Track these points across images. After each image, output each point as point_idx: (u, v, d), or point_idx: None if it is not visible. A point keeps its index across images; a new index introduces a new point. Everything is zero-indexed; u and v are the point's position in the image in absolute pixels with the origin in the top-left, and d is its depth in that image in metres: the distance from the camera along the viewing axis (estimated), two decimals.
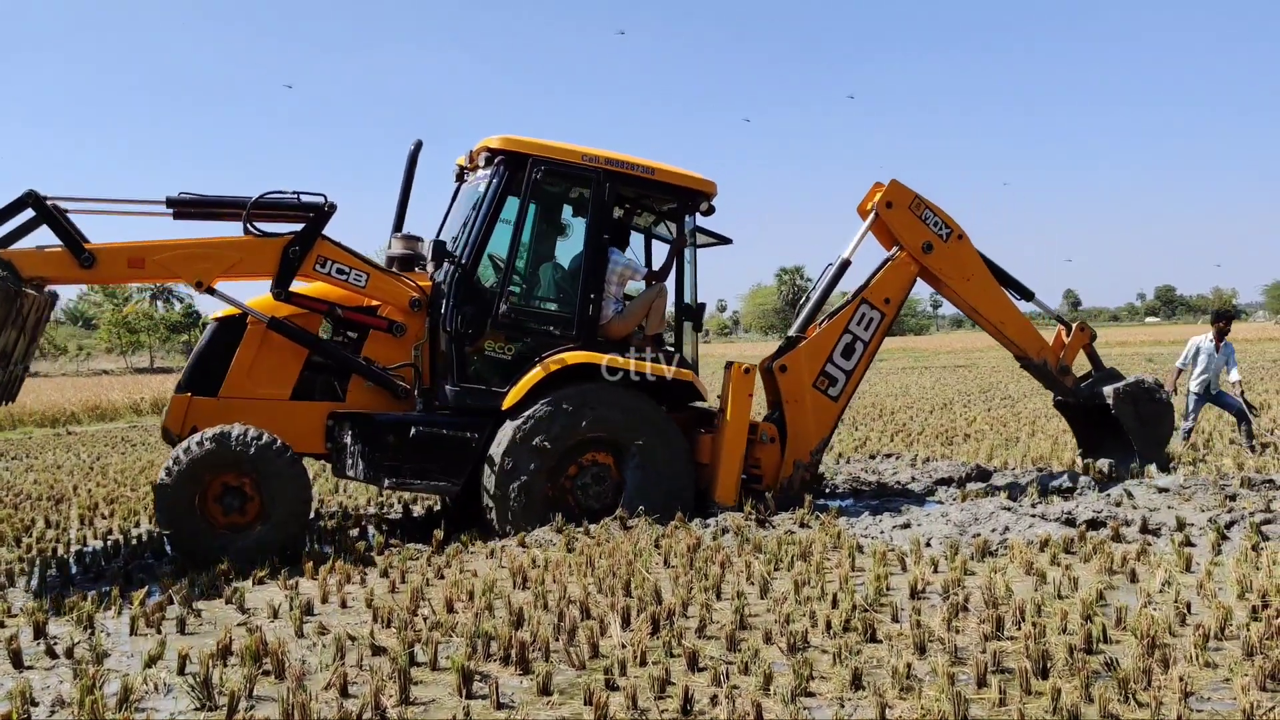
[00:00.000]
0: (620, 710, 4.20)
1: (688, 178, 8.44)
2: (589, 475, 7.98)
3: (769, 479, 8.62)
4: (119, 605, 6.22)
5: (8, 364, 7.34)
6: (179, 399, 7.70)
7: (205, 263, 7.52)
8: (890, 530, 7.62)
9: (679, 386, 8.32)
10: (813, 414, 8.71)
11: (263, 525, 7.22)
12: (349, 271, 7.81)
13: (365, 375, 7.86)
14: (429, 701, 4.44)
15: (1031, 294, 9.71)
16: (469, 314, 7.88)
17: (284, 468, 7.20)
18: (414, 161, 8.87)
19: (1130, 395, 9.45)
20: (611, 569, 6.45)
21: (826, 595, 5.80)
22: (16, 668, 5.09)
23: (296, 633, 5.50)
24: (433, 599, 6.06)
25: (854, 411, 18.25)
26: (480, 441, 7.79)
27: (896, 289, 9.06)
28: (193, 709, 4.42)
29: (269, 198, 7.68)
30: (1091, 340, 9.88)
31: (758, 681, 4.45)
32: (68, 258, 7.21)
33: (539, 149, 8.01)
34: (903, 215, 9.01)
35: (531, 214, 8.14)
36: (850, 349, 8.85)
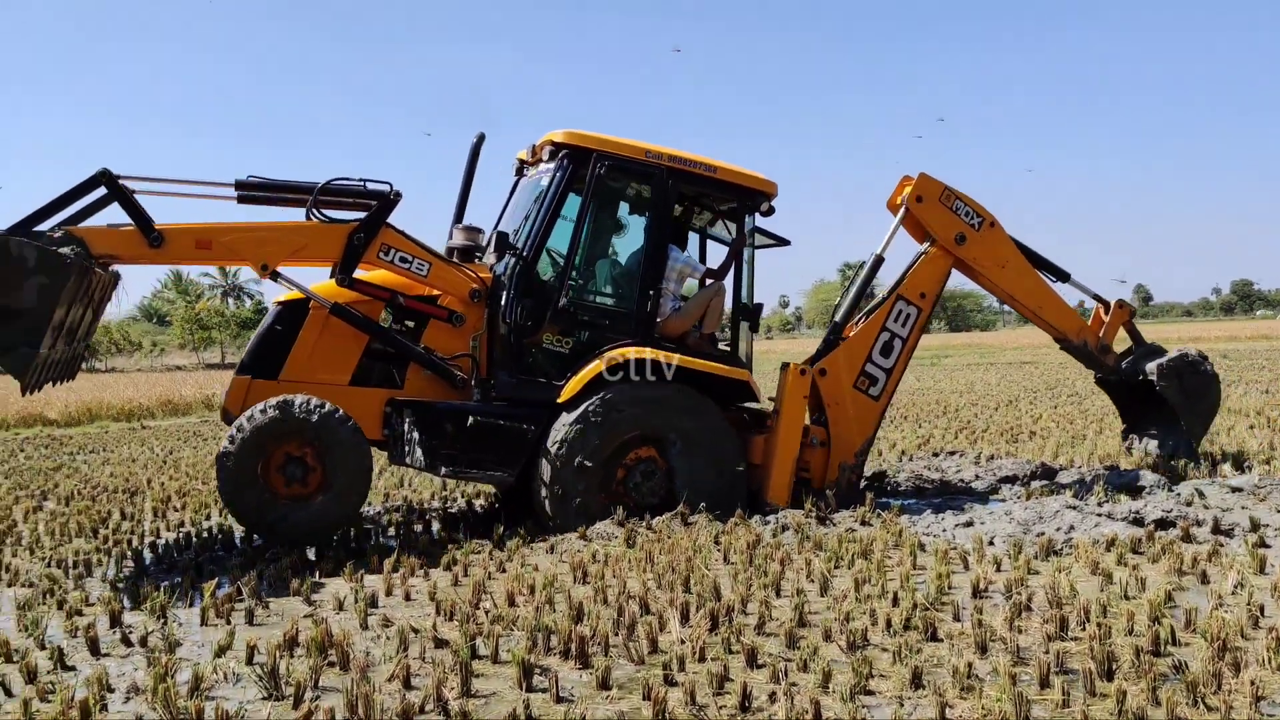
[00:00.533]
0: (679, 706, 4.22)
1: (749, 177, 8.42)
2: (639, 472, 8.00)
3: (818, 481, 8.59)
4: (190, 596, 6.38)
5: (73, 340, 7.51)
6: (239, 380, 7.85)
7: (271, 246, 7.65)
8: (953, 528, 7.54)
9: (733, 386, 8.31)
10: (855, 415, 8.65)
11: (324, 496, 7.33)
12: (412, 260, 7.90)
13: (424, 364, 7.94)
14: (490, 694, 4.49)
15: (1067, 275, 9.55)
16: (528, 306, 7.94)
17: (346, 437, 7.31)
18: (476, 154, 8.96)
19: (1174, 370, 9.29)
20: (671, 565, 6.46)
21: (887, 593, 5.76)
22: (94, 655, 5.25)
23: (361, 625, 5.59)
24: (494, 592, 6.13)
25: (918, 409, 18.07)
26: (536, 433, 7.85)
27: (932, 283, 8.97)
28: (260, 698, 4.52)
29: (336, 184, 7.80)
30: (1131, 316, 9.70)
31: (816, 679, 4.44)
32: (137, 237, 7.34)
33: (603, 144, 8.04)
34: (933, 208, 8.90)
35: (593, 209, 8.17)
36: (889, 347, 8.77)
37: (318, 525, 7.35)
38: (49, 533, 8.72)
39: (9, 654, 5.24)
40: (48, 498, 10.87)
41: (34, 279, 6.55)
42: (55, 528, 8.84)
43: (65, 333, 7.16)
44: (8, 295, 6.52)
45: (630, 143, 8.16)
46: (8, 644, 5.32)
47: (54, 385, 7.66)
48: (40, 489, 11.39)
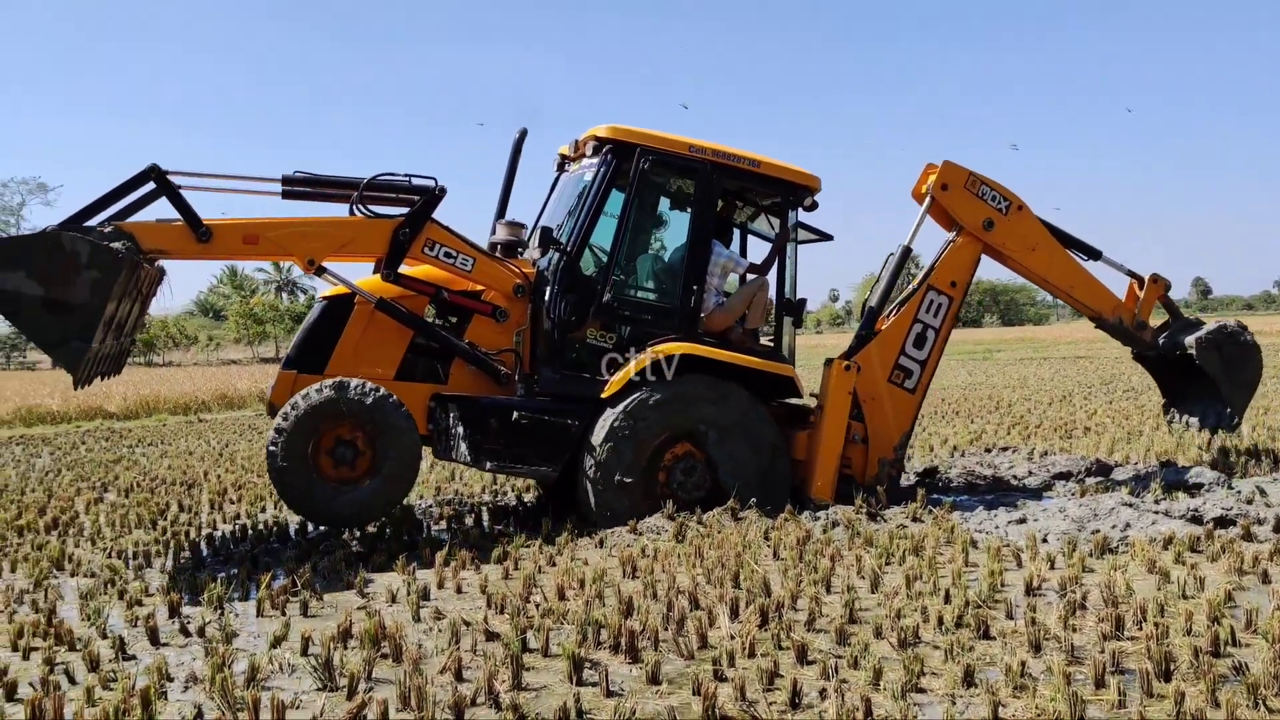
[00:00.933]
0: (728, 701, 4.22)
1: (793, 172, 8.39)
2: (680, 469, 7.99)
3: (860, 477, 8.55)
4: (246, 588, 6.48)
5: (121, 335, 7.59)
6: (285, 375, 7.90)
7: (318, 241, 7.69)
8: (1005, 525, 7.46)
9: (777, 381, 8.28)
10: (891, 409, 8.60)
11: (371, 481, 7.37)
12: (456, 255, 7.92)
13: (468, 359, 7.97)
14: (541, 687, 4.52)
15: (1099, 253, 9.41)
16: (572, 302, 7.96)
17: (399, 422, 7.36)
18: (518, 150, 8.97)
19: (1214, 342, 9.15)
20: (720, 560, 6.46)
21: (939, 590, 5.72)
22: (154, 644, 5.36)
23: (413, 617, 5.65)
24: (544, 586, 6.16)
25: (970, 404, 17.89)
26: (580, 429, 7.87)
27: (962, 270, 8.87)
28: (315, 689, 4.59)
29: (381, 179, 7.82)
30: (1166, 291, 9.53)
31: (867, 676, 4.42)
32: (186, 232, 7.39)
33: (647, 139, 8.04)
34: (960, 195, 8.80)
35: (636, 204, 8.17)
36: (922, 338, 8.71)
37: (362, 510, 7.38)
38: (109, 524, 8.90)
39: (72, 642, 5.37)
40: (108, 489, 11.09)
41: (87, 274, 6.61)
42: (116, 519, 9.02)
43: (114, 327, 7.26)
44: (61, 289, 6.59)
45: (674, 138, 8.15)
46: (71, 632, 5.45)
47: (102, 380, 7.77)
48: (101, 481, 11.63)
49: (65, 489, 10.97)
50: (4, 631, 5.60)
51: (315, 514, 7.47)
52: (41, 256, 6.59)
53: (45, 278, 6.56)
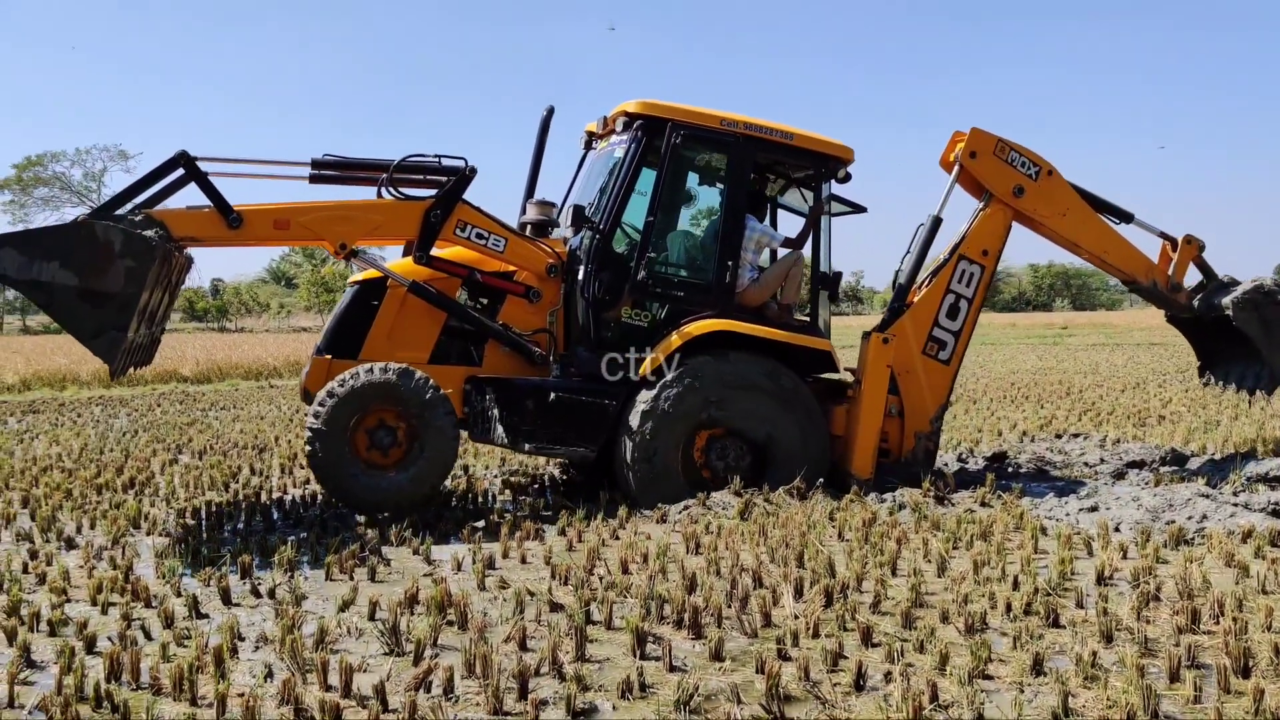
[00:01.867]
0: (792, 681, 4.20)
1: (826, 144, 8.27)
2: (719, 447, 7.93)
3: (896, 451, 8.44)
4: (316, 551, 6.60)
5: (153, 324, 7.58)
6: (319, 361, 7.85)
7: (348, 225, 7.64)
8: (1076, 513, 7.32)
9: (814, 356, 8.19)
10: (926, 382, 8.47)
11: (398, 473, 7.32)
12: (488, 236, 7.84)
13: (503, 340, 7.92)
14: (604, 660, 4.54)
15: (1131, 216, 9.15)
16: (607, 280, 7.89)
17: (445, 426, 7.32)
18: (546, 128, 8.90)
19: (1251, 302, 8.87)
20: (784, 539, 6.43)
21: (1007, 577, 5.64)
22: (225, 604, 5.48)
23: (479, 586, 5.71)
24: (608, 559, 6.18)
25: (1040, 389, 17.58)
26: (617, 408, 7.81)
27: (993, 238, 8.69)
28: (382, 653, 4.66)
29: (411, 160, 7.76)
30: (1200, 251, 9.25)
31: (933, 660, 4.37)
32: (216, 218, 7.34)
33: (678, 113, 7.94)
34: (988, 162, 8.62)
35: (668, 179, 8.06)
36: (955, 309, 8.56)
37: (382, 499, 7.29)
38: (184, 485, 9.10)
39: (148, 599, 5.51)
40: (183, 451, 11.35)
41: (121, 262, 6.59)
42: (190, 480, 9.22)
43: (147, 317, 7.24)
44: (97, 279, 6.56)
45: (706, 111, 8.03)
46: (147, 589, 5.59)
47: (134, 370, 7.72)
48: (176, 443, 11.89)
49: (142, 450, 11.24)
50: (84, 586, 5.76)
51: (335, 489, 7.37)
52: (75, 246, 6.57)
53: (80, 268, 6.54)
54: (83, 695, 4.08)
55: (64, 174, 73.55)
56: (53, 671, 4.36)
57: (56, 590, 5.63)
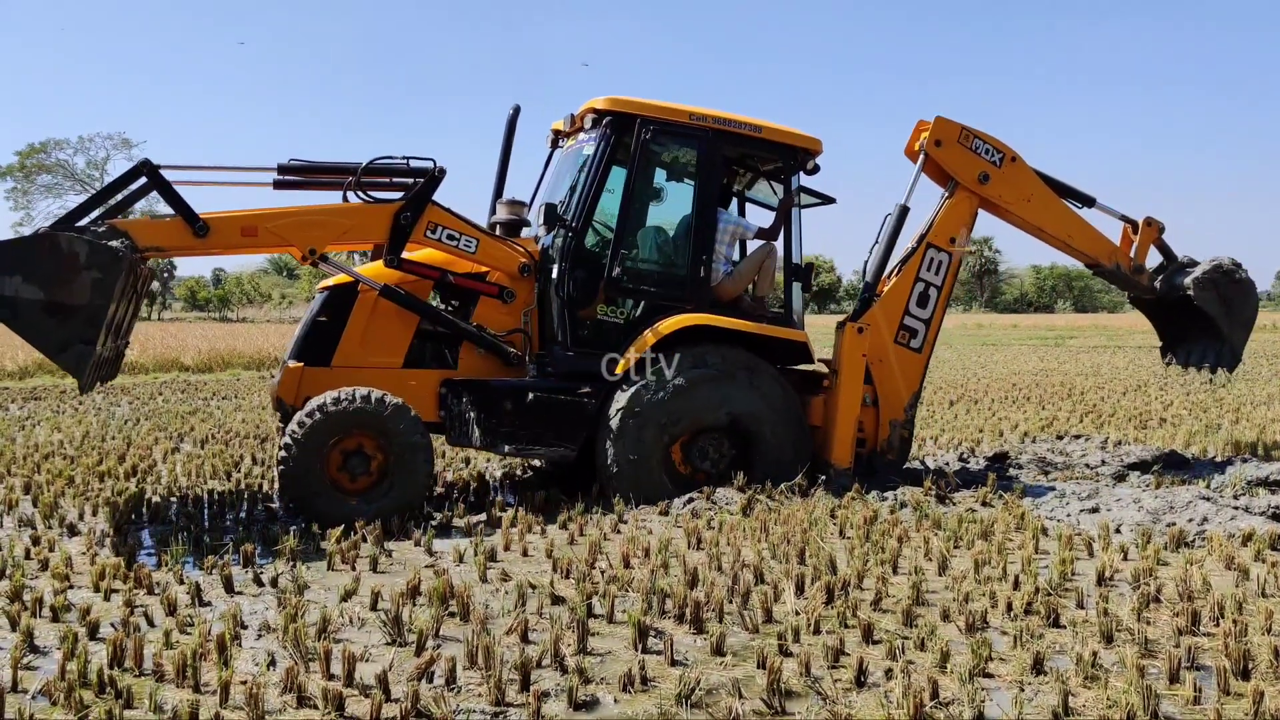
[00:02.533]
0: (793, 677, 4.22)
1: (795, 136, 8.25)
2: (700, 443, 7.92)
3: (872, 440, 8.45)
4: (317, 541, 6.61)
5: (119, 337, 7.43)
6: (291, 369, 7.69)
7: (317, 230, 7.50)
8: (1077, 514, 7.33)
9: (789, 348, 8.19)
10: (899, 370, 8.49)
11: (360, 503, 7.09)
12: (459, 237, 7.72)
13: (477, 342, 7.82)
14: (605, 653, 4.55)
15: (1093, 200, 9.23)
16: (581, 278, 7.81)
17: (420, 472, 7.19)
18: (513, 127, 8.80)
19: (1211, 281, 9.06)
20: (786, 536, 6.44)
21: (1008, 576, 5.65)
22: (228, 592, 5.49)
23: (481, 578, 5.72)
24: (610, 553, 6.20)
25: (1041, 390, 17.59)
26: (595, 406, 7.75)
27: (960, 226, 8.71)
28: (384, 643, 4.67)
29: (379, 163, 7.63)
30: (1160, 233, 9.36)
31: (934, 658, 4.38)
32: (182, 227, 7.20)
33: (647, 109, 7.89)
34: (953, 151, 8.64)
35: (639, 175, 8.02)
36: (925, 297, 8.58)
37: (335, 520, 6.87)
38: (185, 473, 9.12)
39: (150, 586, 5.52)
40: (184, 440, 11.36)
41: (87, 274, 6.41)
42: (191, 469, 9.23)
43: (113, 329, 7.07)
44: (63, 292, 6.37)
45: (674, 106, 7.99)
46: (149, 577, 5.60)
47: (101, 385, 7.47)
48: (178, 432, 11.91)
49: (144, 438, 11.25)
50: (86, 572, 5.77)
51: (294, 497, 7.14)
52: (39, 259, 6.39)
53: (44, 281, 6.36)
54: (85, 681, 4.10)
55: (67, 161, 73.69)
56: (56, 657, 4.38)
57: (59, 576, 5.65)
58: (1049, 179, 9.02)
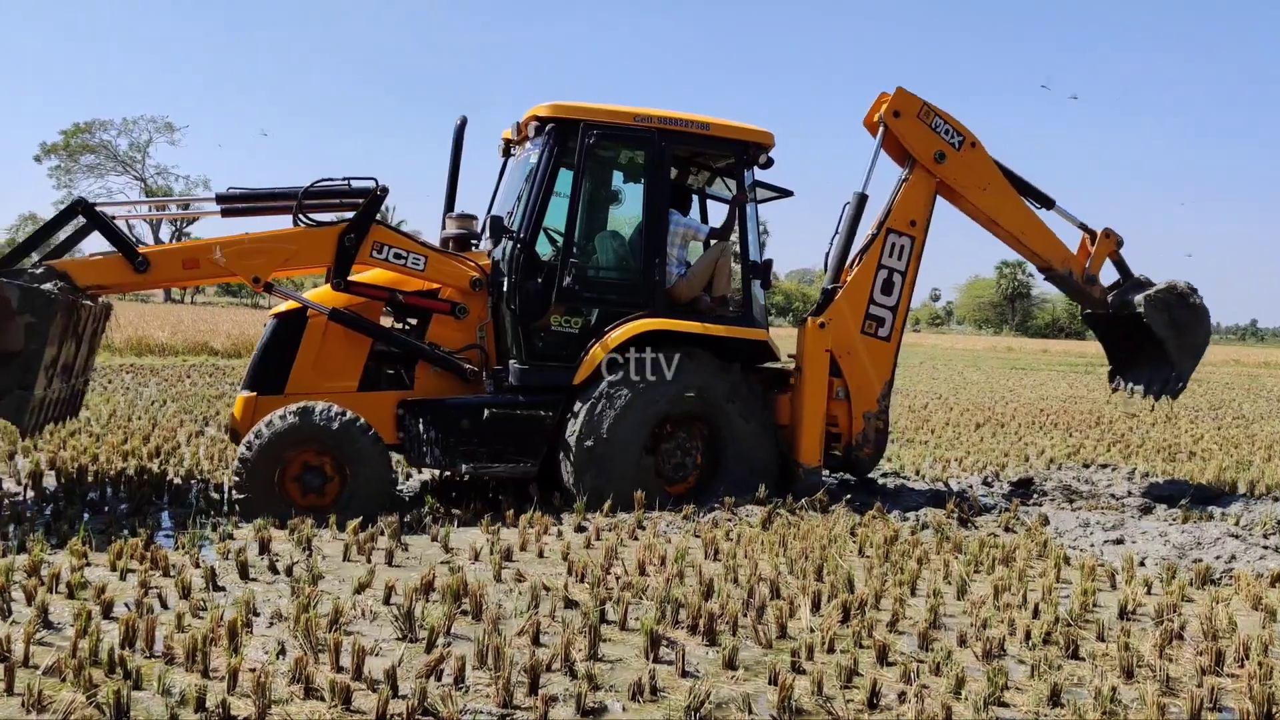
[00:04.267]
0: (805, 695, 4.16)
1: (745, 130, 8.14)
2: (671, 446, 7.83)
3: (846, 435, 8.31)
4: (335, 531, 6.61)
5: (70, 377, 7.41)
6: (245, 399, 7.54)
7: (260, 258, 7.38)
8: (1101, 544, 7.23)
9: (752, 347, 8.06)
10: (869, 361, 8.36)
11: (341, 507, 6.93)
12: (406, 256, 7.60)
13: (431, 360, 7.71)
14: (616, 660, 4.51)
15: (1052, 202, 9.01)
16: (532, 290, 7.69)
17: (366, 447, 7.04)
18: (460, 139, 8.59)
19: (1163, 301, 8.79)
20: (804, 551, 6.38)
21: (1027, 604, 5.56)
22: (243, 578, 5.49)
23: (495, 577, 5.69)
24: (625, 559, 6.16)
25: (1069, 416, 17.41)
26: (555, 419, 7.67)
27: (919, 207, 8.54)
28: (395, 638, 4.65)
29: (319, 186, 7.54)
30: (1118, 247, 9.12)
31: (949, 684, 4.31)
32: (122, 263, 7.14)
33: (589, 113, 7.77)
34: (911, 124, 8.45)
35: (586, 181, 7.94)
36: (889, 284, 8.43)
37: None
38: (208, 457, 9.15)
39: (166, 568, 5.54)
40: (209, 424, 11.41)
41: (20, 319, 6.36)
42: (214, 453, 9.27)
43: (60, 370, 7.06)
44: None
45: (618, 109, 7.89)
46: (166, 558, 5.62)
47: (55, 425, 7.36)
48: (203, 415, 11.97)
49: (169, 420, 11.32)
50: (104, 551, 5.79)
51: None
52: None
53: None
54: (96, 659, 4.10)
55: (110, 142, 74.44)
56: (69, 634, 4.39)
57: (77, 554, 5.67)
58: (1010, 173, 8.83)
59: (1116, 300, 9.14)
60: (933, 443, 12.90)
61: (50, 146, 73.05)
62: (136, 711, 3.74)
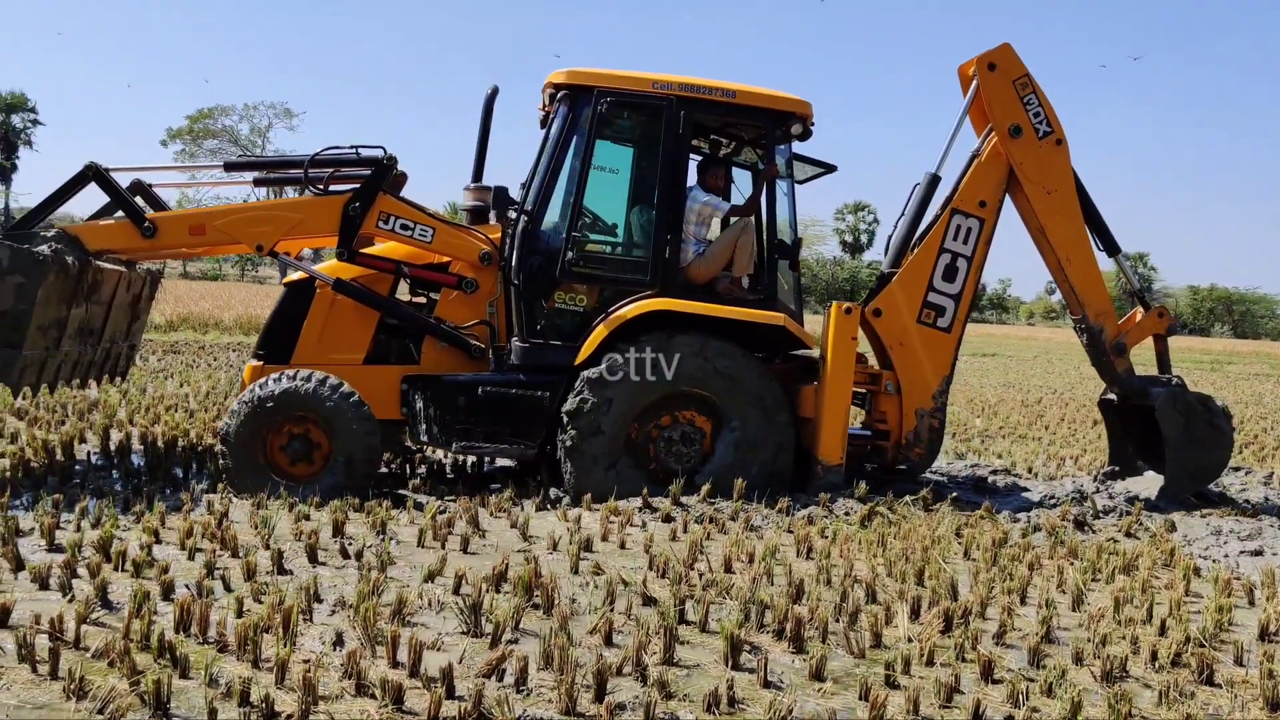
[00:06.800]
0: (898, 713, 3.76)
1: (775, 98, 7.54)
2: (671, 434, 7.34)
3: (896, 433, 7.69)
4: (412, 514, 6.40)
5: (99, 340, 7.55)
6: (253, 367, 7.48)
7: (265, 225, 7.34)
8: (1236, 555, 6.60)
9: (774, 333, 7.49)
10: (926, 354, 7.67)
11: (330, 473, 6.92)
12: (413, 227, 7.42)
13: (436, 334, 7.49)
14: (693, 665, 4.17)
15: (1117, 248, 8.08)
16: (536, 265, 7.37)
17: (346, 413, 6.89)
18: (490, 109, 8.21)
19: (1185, 404, 7.75)
20: (905, 553, 5.94)
21: (1153, 620, 5.04)
22: (311, 562, 5.30)
23: (572, 569, 5.39)
24: (711, 554, 5.80)
25: None
26: (555, 400, 7.30)
27: (991, 186, 7.77)
28: (459, 631, 4.39)
29: (326, 154, 7.46)
30: (1168, 333, 8.17)
31: (1062, 708, 3.85)
32: (130, 228, 7.19)
33: (604, 79, 7.35)
34: (1002, 85, 7.67)
35: (600, 152, 7.53)
36: (952, 270, 7.70)
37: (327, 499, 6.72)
38: None
39: (235, 549, 5.37)
40: None
41: (10, 279, 6.43)
42: None
43: (77, 333, 7.18)
44: None
45: (637, 75, 7.43)
46: (235, 539, 5.46)
47: (97, 386, 7.76)
48: None
49: None
50: (177, 528, 5.65)
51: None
52: None
53: None
54: (147, 644, 3.91)
55: (232, 128, 76.55)
56: (124, 615, 4.22)
57: (149, 531, 5.55)
58: (1087, 197, 7.97)
59: (1138, 384, 8.12)
60: (1046, 439, 12.22)
61: (175, 131, 75.45)
62: (178, 702, 3.52)
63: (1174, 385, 7.96)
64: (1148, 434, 8.04)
